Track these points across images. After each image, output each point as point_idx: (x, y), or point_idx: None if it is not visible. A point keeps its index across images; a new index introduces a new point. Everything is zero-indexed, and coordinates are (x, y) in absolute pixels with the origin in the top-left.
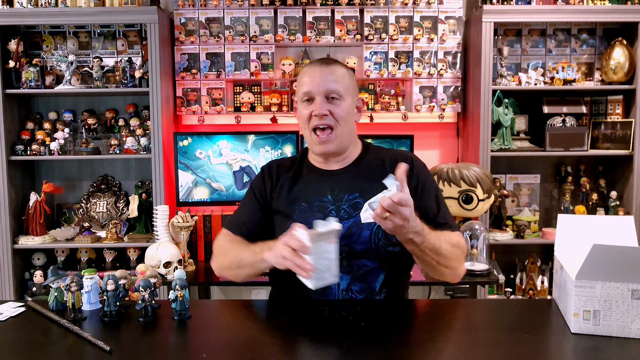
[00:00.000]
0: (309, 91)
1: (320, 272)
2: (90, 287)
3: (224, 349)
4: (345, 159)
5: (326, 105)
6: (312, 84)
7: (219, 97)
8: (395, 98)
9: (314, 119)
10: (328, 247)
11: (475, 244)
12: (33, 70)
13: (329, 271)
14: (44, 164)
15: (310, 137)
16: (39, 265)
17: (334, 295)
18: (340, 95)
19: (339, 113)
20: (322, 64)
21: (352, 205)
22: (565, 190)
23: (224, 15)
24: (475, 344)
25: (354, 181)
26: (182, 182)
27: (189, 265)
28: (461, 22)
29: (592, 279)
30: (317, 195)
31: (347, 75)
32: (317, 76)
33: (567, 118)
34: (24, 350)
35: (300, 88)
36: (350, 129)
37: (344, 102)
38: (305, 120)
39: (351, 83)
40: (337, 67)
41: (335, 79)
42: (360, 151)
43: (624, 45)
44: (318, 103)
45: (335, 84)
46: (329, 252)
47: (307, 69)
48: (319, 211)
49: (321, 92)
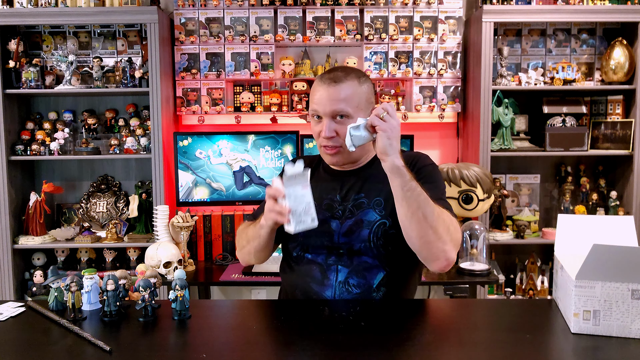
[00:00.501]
0: (316, 110)
1: (299, 215)
2: (90, 287)
3: (224, 349)
4: (358, 162)
5: (333, 125)
6: (319, 104)
7: (219, 97)
8: (395, 98)
9: (321, 138)
10: (302, 191)
11: (475, 244)
12: (33, 70)
13: (307, 214)
14: (44, 164)
15: (320, 148)
16: (39, 265)
17: (331, 286)
18: (349, 114)
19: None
20: (330, 84)
21: (356, 205)
22: (565, 190)
23: (224, 15)
24: (475, 344)
25: (362, 182)
26: (182, 182)
27: (189, 265)
28: (461, 22)
29: (592, 279)
30: (328, 194)
31: (357, 92)
32: (324, 97)
33: (567, 118)
34: (24, 350)
35: (311, 104)
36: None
37: (353, 120)
38: (316, 136)
39: (362, 97)
40: (345, 85)
41: (344, 99)
42: (375, 155)
43: (624, 45)
44: (325, 124)
45: (343, 103)
46: (304, 195)
47: (317, 84)
48: (327, 210)
49: (327, 113)
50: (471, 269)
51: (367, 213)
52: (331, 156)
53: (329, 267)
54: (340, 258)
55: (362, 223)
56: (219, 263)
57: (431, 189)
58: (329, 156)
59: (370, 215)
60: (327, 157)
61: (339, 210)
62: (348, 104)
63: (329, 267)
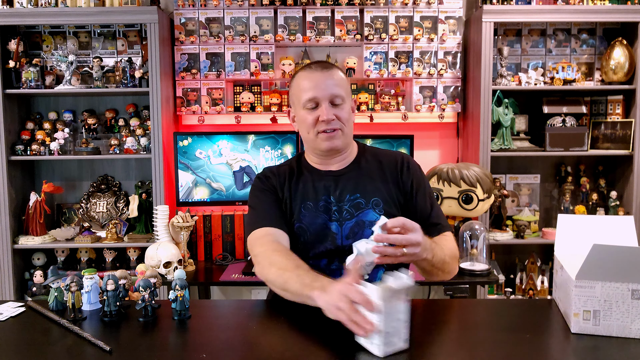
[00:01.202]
0: (314, 97)
1: (388, 335)
2: (90, 287)
3: (224, 349)
4: (344, 160)
5: (332, 110)
6: (317, 89)
7: (219, 97)
8: (395, 98)
9: (320, 124)
10: (399, 307)
11: (475, 244)
12: (33, 70)
13: (397, 335)
14: (44, 164)
15: (316, 137)
16: (39, 265)
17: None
18: (343, 98)
19: (343, 116)
20: (322, 69)
21: (353, 206)
22: (565, 190)
23: (224, 15)
24: (475, 344)
25: (355, 181)
26: (182, 182)
27: (189, 265)
28: (461, 22)
29: (592, 279)
30: (322, 194)
31: (344, 79)
32: (320, 81)
33: (567, 118)
34: (24, 350)
35: (303, 94)
36: (352, 129)
37: (347, 105)
38: (310, 126)
39: (348, 86)
40: (335, 70)
41: (337, 83)
42: (357, 152)
43: (624, 45)
44: (324, 109)
45: (338, 88)
46: (400, 312)
47: (306, 73)
48: (324, 212)
49: (326, 97)
50: (471, 269)
51: (367, 213)
52: (330, 140)
53: (332, 272)
54: (343, 262)
55: (363, 224)
56: (219, 263)
57: (429, 208)
58: (328, 142)
59: (371, 216)
60: (326, 143)
61: (335, 212)
62: (341, 88)
63: (332, 273)
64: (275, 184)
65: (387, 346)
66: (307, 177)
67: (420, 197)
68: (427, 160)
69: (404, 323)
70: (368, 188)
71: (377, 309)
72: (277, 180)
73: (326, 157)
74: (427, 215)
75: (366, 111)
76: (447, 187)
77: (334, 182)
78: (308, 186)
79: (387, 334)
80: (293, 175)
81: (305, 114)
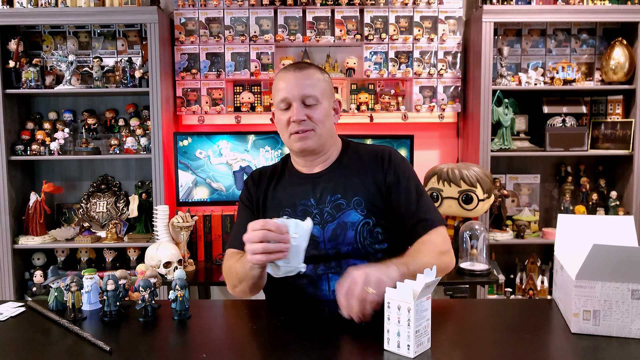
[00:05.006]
0: (285, 97)
1: (418, 335)
2: (90, 287)
3: (224, 349)
4: (327, 161)
5: (303, 110)
6: (287, 89)
7: (219, 97)
8: (395, 98)
9: (292, 125)
10: (426, 304)
11: (475, 244)
12: (33, 70)
13: (426, 334)
14: (44, 164)
15: (289, 138)
16: (39, 265)
17: (325, 297)
18: (317, 99)
19: (316, 117)
20: (296, 69)
21: (334, 207)
22: (565, 190)
23: (224, 15)
24: (475, 344)
25: (335, 182)
26: (182, 182)
27: (189, 265)
28: (461, 22)
29: (592, 279)
30: (301, 199)
31: (322, 79)
32: (292, 82)
33: (567, 118)
34: (24, 350)
35: (277, 94)
36: (329, 131)
37: (321, 106)
38: (284, 127)
39: (327, 86)
40: (312, 71)
41: (311, 84)
42: (340, 150)
43: (624, 45)
44: (295, 109)
45: (311, 88)
46: (426, 309)
47: (282, 74)
48: (303, 215)
49: (297, 97)
50: (471, 269)
51: (349, 214)
52: (303, 141)
53: (319, 277)
54: (328, 265)
55: (345, 225)
56: (219, 263)
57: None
58: (300, 142)
59: (353, 216)
60: (298, 144)
61: (316, 215)
62: (315, 88)
63: (320, 278)
64: (252, 193)
65: (418, 346)
66: (287, 182)
67: (403, 192)
68: (427, 160)
69: (428, 321)
70: (348, 188)
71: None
72: (258, 185)
73: (303, 159)
74: (414, 210)
75: (366, 111)
76: (447, 187)
77: (314, 184)
78: (287, 192)
79: (417, 334)
80: (273, 180)
81: (280, 115)
